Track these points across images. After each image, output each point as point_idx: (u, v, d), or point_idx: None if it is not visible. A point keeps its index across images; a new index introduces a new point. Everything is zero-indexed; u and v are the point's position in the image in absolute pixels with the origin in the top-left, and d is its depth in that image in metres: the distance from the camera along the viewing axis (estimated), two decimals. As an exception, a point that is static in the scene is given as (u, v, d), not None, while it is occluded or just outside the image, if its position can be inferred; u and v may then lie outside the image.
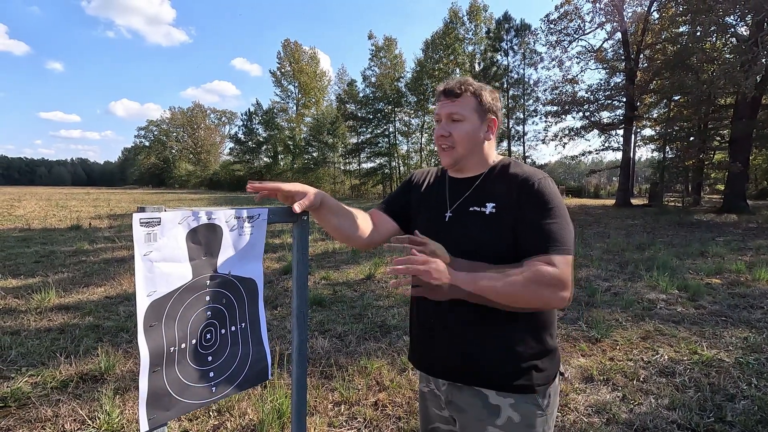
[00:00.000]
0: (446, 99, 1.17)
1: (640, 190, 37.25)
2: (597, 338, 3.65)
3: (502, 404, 1.11)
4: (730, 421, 2.42)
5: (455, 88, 1.16)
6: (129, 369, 3.08)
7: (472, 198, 1.17)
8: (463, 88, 1.16)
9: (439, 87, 1.20)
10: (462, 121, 1.16)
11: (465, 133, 1.16)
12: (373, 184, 41.19)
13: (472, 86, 1.17)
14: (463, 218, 1.15)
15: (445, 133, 1.16)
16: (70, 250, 7.86)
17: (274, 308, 4.57)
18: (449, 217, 1.18)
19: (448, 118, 1.17)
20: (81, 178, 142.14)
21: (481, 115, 1.17)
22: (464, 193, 1.19)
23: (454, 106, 1.16)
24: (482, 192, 1.16)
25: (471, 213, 1.14)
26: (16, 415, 2.49)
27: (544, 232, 1.04)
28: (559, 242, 1.03)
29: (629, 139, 21.77)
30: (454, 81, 1.18)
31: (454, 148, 1.17)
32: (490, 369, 1.11)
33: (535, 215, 1.06)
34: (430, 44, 34.40)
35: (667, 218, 14.28)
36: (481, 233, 1.11)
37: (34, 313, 4.26)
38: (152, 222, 0.84)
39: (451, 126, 1.16)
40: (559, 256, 1.02)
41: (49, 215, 14.54)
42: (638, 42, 20.42)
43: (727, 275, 6.00)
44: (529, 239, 1.06)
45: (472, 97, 1.16)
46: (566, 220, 1.07)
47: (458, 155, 1.18)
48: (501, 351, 1.10)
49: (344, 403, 2.66)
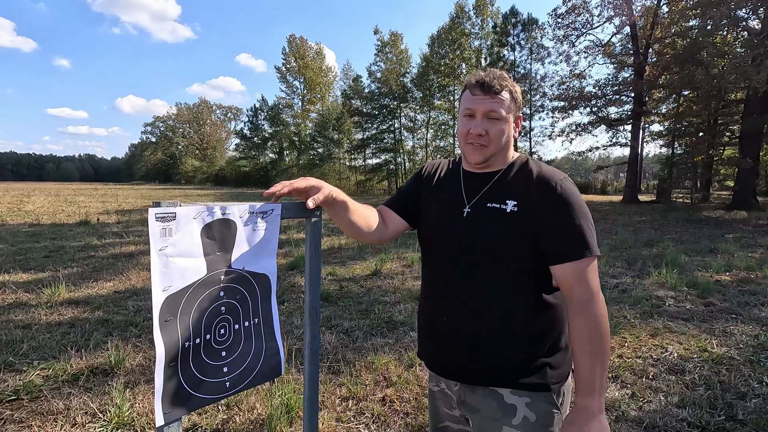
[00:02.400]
0: (484, 94, 1.10)
1: (647, 186, 36.95)
2: (605, 335, 3.63)
3: (518, 403, 1.09)
4: (741, 420, 2.40)
5: (495, 84, 1.09)
6: (138, 363, 3.11)
7: (490, 194, 1.13)
8: (503, 84, 1.10)
9: (474, 78, 1.12)
10: (499, 119, 1.10)
11: (501, 132, 1.11)
12: (378, 180, 41.13)
13: (508, 82, 1.12)
14: (481, 214, 1.12)
15: (482, 131, 1.10)
16: (79, 245, 7.93)
17: (281, 303, 4.58)
18: (468, 213, 1.14)
19: (485, 115, 1.10)
20: (89, 174, 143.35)
21: (514, 113, 1.14)
22: (482, 188, 1.15)
23: (494, 103, 1.09)
24: (501, 189, 1.13)
25: (490, 209, 1.11)
26: (28, 408, 2.52)
27: (574, 237, 1.04)
28: (588, 245, 1.04)
29: (637, 134, 21.54)
30: (492, 74, 1.11)
31: (488, 147, 1.11)
32: (504, 368, 1.09)
33: (560, 220, 1.05)
34: (436, 39, 34.14)
35: (676, 215, 14.15)
36: (501, 230, 1.08)
37: (44, 308, 4.31)
38: (167, 217, 0.83)
39: (488, 124, 1.10)
40: (589, 259, 1.03)
41: (58, 211, 14.68)
42: (647, 36, 20.17)
43: (737, 272, 5.94)
44: (557, 245, 1.05)
45: (509, 94, 1.11)
46: (590, 220, 1.07)
47: (490, 153, 1.13)
48: (514, 349, 1.09)
49: (352, 399, 2.67)
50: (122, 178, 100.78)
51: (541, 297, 1.10)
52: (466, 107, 1.12)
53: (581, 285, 1.02)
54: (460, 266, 1.13)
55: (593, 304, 1.02)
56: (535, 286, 1.10)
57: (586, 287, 1.02)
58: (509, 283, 1.09)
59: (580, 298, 1.03)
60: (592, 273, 1.03)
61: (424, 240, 1.25)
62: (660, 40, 19.93)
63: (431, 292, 1.22)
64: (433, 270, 1.22)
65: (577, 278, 1.03)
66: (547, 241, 1.05)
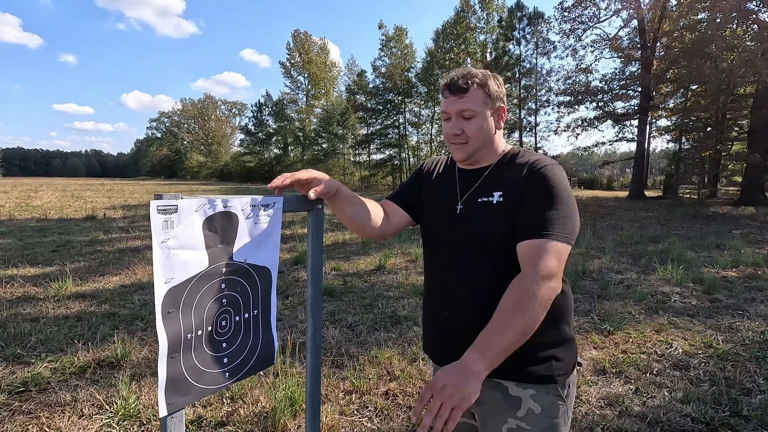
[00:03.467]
0: (453, 96, 1.11)
1: (654, 182, 36.63)
2: (609, 331, 3.62)
3: (523, 395, 1.09)
4: (746, 416, 2.39)
5: (461, 83, 1.10)
6: (144, 356, 3.14)
7: (481, 189, 1.15)
8: (469, 82, 1.10)
9: (443, 81, 1.14)
10: (474, 116, 1.11)
11: (478, 129, 1.12)
12: (383, 175, 41.10)
13: (477, 78, 1.11)
14: (472, 210, 1.14)
15: (458, 131, 1.12)
16: (85, 240, 8.01)
17: (285, 298, 4.61)
18: (460, 209, 1.16)
19: (458, 115, 1.12)
20: (95, 170, 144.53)
21: (491, 107, 1.13)
22: (473, 184, 1.17)
23: (464, 102, 1.10)
24: (490, 183, 1.14)
25: (479, 204, 1.13)
26: (36, 399, 2.56)
27: (541, 216, 1.00)
28: (556, 228, 0.99)
29: (644, 129, 21.36)
30: (457, 74, 1.12)
31: (467, 144, 1.13)
32: (509, 360, 1.07)
33: (535, 199, 1.04)
34: (441, 34, 33.93)
35: (682, 210, 14.03)
36: (488, 222, 1.09)
37: (52, 301, 4.36)
38: (169, 209, 0.84)
39: (463, 123, 1.12)
40: (552, 242, 0.97)
41: (65, 206, 14.82)
42: (655, 30, 19.90)
43: (744, 268, 5.89)
44: (525, 222, 1.02)
45: (480, 89, 1.11)
46: (570, 207, 1.03)
47: (472, 150, 1.14)
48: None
49: (355, 392, 2.68)
50: (128, 174, 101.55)
51: None
52: (443, 110, 1.16)
53: (532, 263, 0.97)
54: (458, 263, 1.14)
55: (536, 283, 0.95)
56: None
57: (535, 266, 0.96)
58: (508, 276, 1.08)
59: (525, 272, 0.98)
60: (549, 256, 0.96)
61: (425, 238, 1.27)
62: (668, 34, 19.65)
63: (434, 289, 1.23)
64: (434, 267, 1.24)
65: (530, 256, 0.98)
66: (520, 220, 1.04)
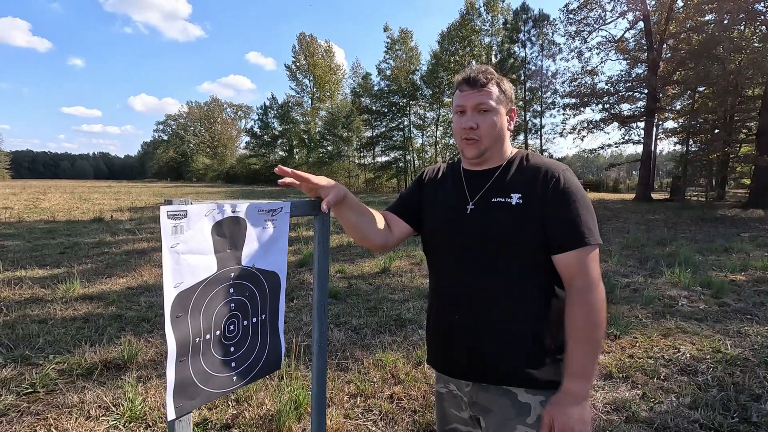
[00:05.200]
0: (471, 89, 1.12)
1: (661, 184, 36.34)
2: (616, 335, 3.59)
3: (532, 402, 1.08)
4: (755, 422, 2.36)
5: (480, 77, 1.12)
6: (151, 358, 3.16)
7: (494, 189, 1.14)
8: (488, 77, 1.12)
9: (460, 76, 1.15)
10: (489, 111, 1.12)
11: (493, 124, 1.13)
12: (387, 177, 41.09)
13: (495, 75, 1.14)
14: (486, 209, 1.12)
15: (474, 124, 1.12)
16: (93, 242, 8.07)
17: (290, 300, 4.62)
18: (471, 209, 1.14)
19: (474, 109, 1.12)
20: (103, 172, 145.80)
21: (505, 105, 1.15)
22: (484, 185, 1.16)
23: (482, 96, 1.11)
24: (504, 183, 1.13)
25: (495, 204, 1.11)
26: (44, 401, 2.58)
27: (573, 226, 1.06)
28: (587, 234, 1.05)
29: (650, 131, 21.18)
30: (476, 70, 1.14)
31: (480, 141, 1.13)
32: (517, 366, 1.08)
33: (563, 210, 1.07)
34: (446, 36, 33.93)
35: (690, 213, 13.90)
36: (507, 223, 1.08)
37: (59, 303, 4.40)
38: (179, 214, 0.85)
39: (478, 117, 1.12)
40: (589, 248, 1.05)
41: (73, 208, 14.95)
42: (661, 31, 19.79)
43: (753, 272, 5.83)
44: (559, 234, 1.06)
45: (496, 86, 1.13)
46: (591, 210, 1.10)
47: (484, 147, 1.14)
48: (527, 347, 1.08)
49: (360, 396, 2.68)
50: (135, 176, 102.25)
51: (554, 292, 1.10)
52: (457, 104, 1.16)
53: (582, 273, 1.04)
54: (469, 264, 1.12)
55: (591, 292, 1.04)
56: (548, 280, 1.10)
57: (586, 275, 1.04)
58: (520, 278, 1.08)
59: (579, 285, 1.05)
60: (592, 262, 1.05)
61: (430, 242, 1.24)
62: (675, 35, 19.52)
63: (441, 292, 1.20)
64: (442, 270, 1.20)
65: (578, 267, 1.05)
66: (550, 231, 1.07)
